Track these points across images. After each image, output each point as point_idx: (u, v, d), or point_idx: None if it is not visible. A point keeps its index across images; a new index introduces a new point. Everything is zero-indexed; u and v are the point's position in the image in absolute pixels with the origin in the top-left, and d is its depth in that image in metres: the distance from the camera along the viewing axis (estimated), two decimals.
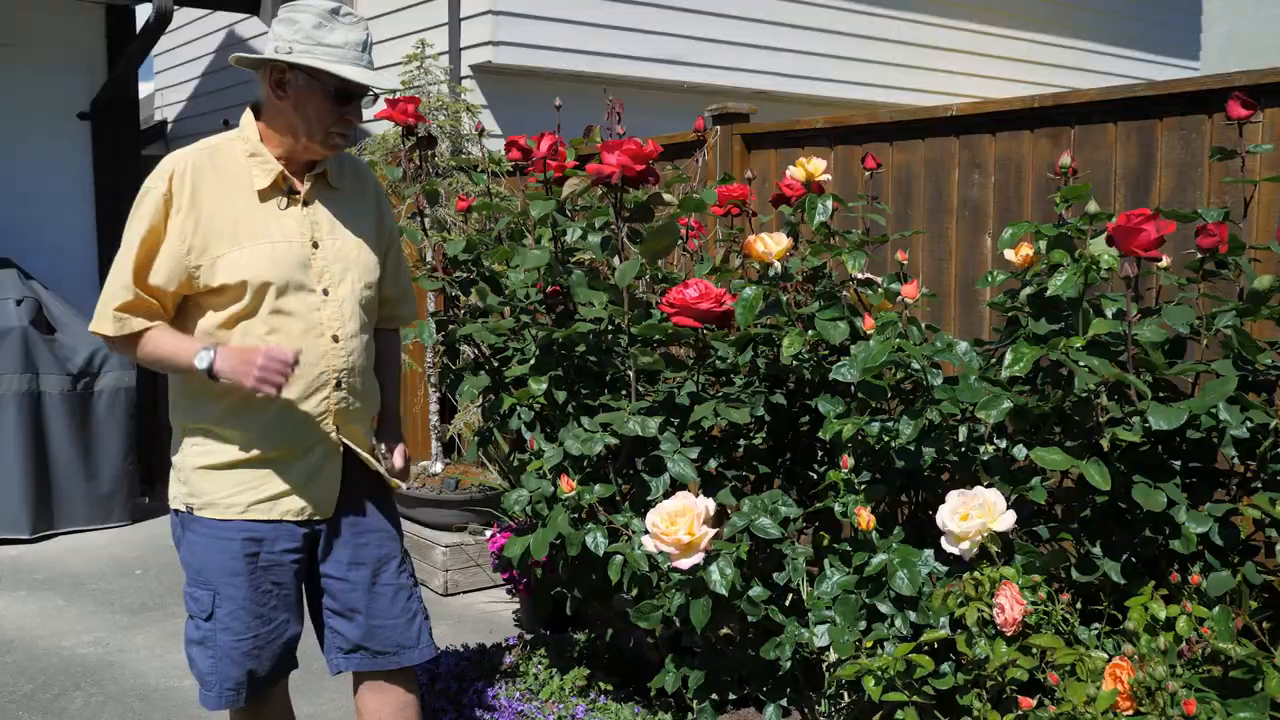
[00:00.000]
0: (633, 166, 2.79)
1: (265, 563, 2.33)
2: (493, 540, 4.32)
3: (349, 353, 2.38)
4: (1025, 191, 3.73)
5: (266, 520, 2.33)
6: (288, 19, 2.26)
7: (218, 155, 2.31)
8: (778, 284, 2.84)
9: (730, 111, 4.72)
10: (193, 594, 2.36)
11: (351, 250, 2.40)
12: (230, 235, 2.26)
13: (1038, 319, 2.45)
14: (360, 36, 2.28)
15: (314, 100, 2.27)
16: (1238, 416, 2.19)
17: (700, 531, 2.30)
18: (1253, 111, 2.47)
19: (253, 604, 2.32)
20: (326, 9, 2.25)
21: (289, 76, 2.26)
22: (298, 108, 2.28)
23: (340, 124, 2.31)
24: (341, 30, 2.25)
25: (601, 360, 3.01)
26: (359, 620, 2.44)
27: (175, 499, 2.38)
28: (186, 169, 2.26)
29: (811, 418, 2.93)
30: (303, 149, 2.32)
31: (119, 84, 6.77)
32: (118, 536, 5.92)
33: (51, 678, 4.02)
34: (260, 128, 2.34)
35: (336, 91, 2.27)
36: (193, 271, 2.25)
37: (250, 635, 2.33)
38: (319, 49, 2.23)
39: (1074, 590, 2.28)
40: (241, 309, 2.26)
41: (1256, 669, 1.88)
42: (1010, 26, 11.26)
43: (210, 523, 2.32)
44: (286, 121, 2.30)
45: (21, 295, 5.89)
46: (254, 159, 2.32)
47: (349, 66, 2.24)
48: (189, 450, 2.35)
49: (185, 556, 2.38)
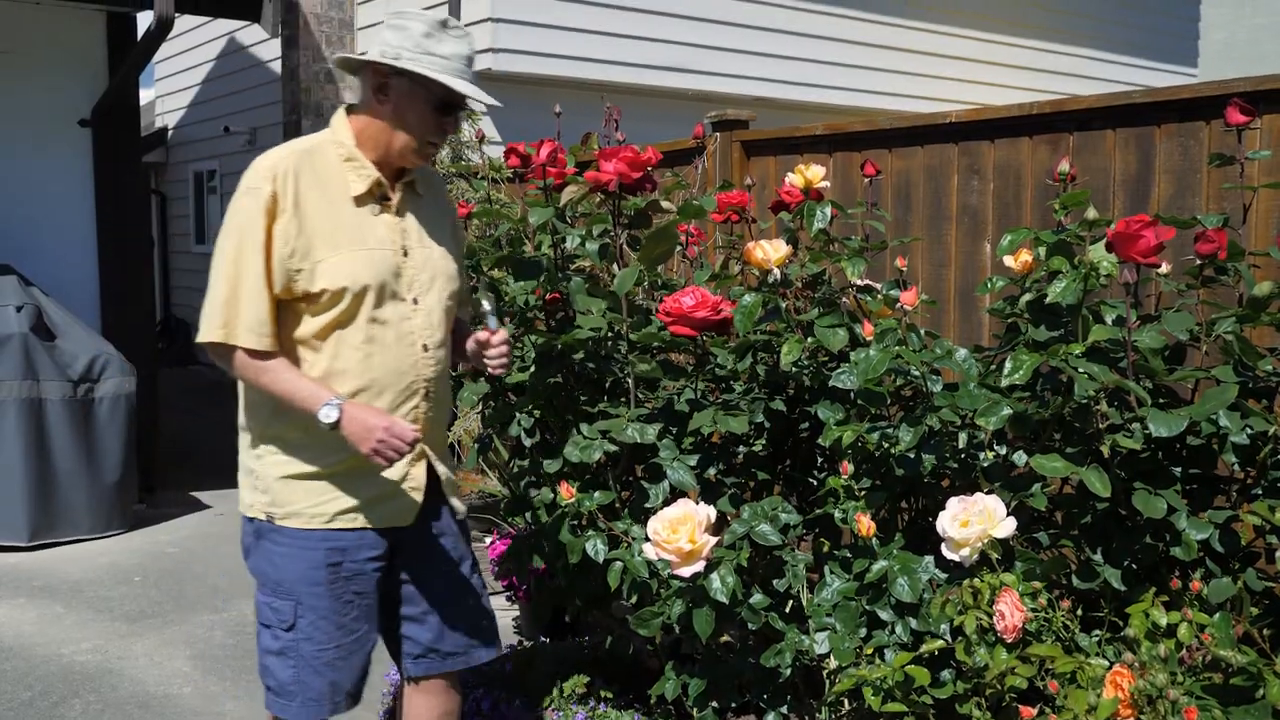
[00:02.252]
0: (630, 174, 2.79)
1: (348, 572, 2.31)
2: (492, 547, 4.31)
3: (436, 361, 2.38)
4: (1024, 198, 3.73)
5: (351, 529, 2.30)
6: (398, 25, 2.25)
7: (314, 157, 2.28)
8: (777, 290, 2.84)
9: (730, 118, 4.72)
10: (271, 604, 2.32)
11: (438, 259, 2.40)
12: (331, 240, 2.24)
13: (1037, 325, 2.45)
14: (467, 50, 2.28)
15: (416, 108, 2.27)
16: (1238, 423, 2.19)
17: (702, 539, 2.29)
18: (1251, 118, 2.47)
19: (335, 614, 2.30)
20: (437, 19, 2.25)
21: (393, 82, 2.26)
22: (398, 114, 2.27)
23: (438, 133, 2.31)
24: (450, 41, 2.25)
25: (601, 367, 3.01)
26: (431, 622, 2.44)
27: (252, 507, 2.34)
28: (289, 170, 2.23)
29: (811, 424, 2.93)
30: (397, 155, 2.31)
31: (120, 91, 6.78)
32: (116, 544, 5.91)
33: (50, 685, 4.01)
34: (355, 131, 2.31)
35: (439, 101, 2.27)
36: (294, 276, 2.22)
37: (333, 645, 2.31)
38: (426, 58, 2.23)
39: (1074, 597, 2.28)
40: (338, 315, 2.24)
41: (1257, 676, 1.87)
42: (1009, 34, 11.28)
43: (293, 532, 2.29)
44: (384, 126, 2.29)
45: (22, 302, 5.89)
46: (350, 164, 2.30)
47: (455, 79, 2.24)
48: (268, 458, 2.31)
49: (262, 566, 2.33)
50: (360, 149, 2.30)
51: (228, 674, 4.13)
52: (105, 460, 6.01)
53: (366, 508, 2.31)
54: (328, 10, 9.73)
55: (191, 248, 13.01)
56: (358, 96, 2.36)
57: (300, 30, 9.61)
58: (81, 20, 6.82)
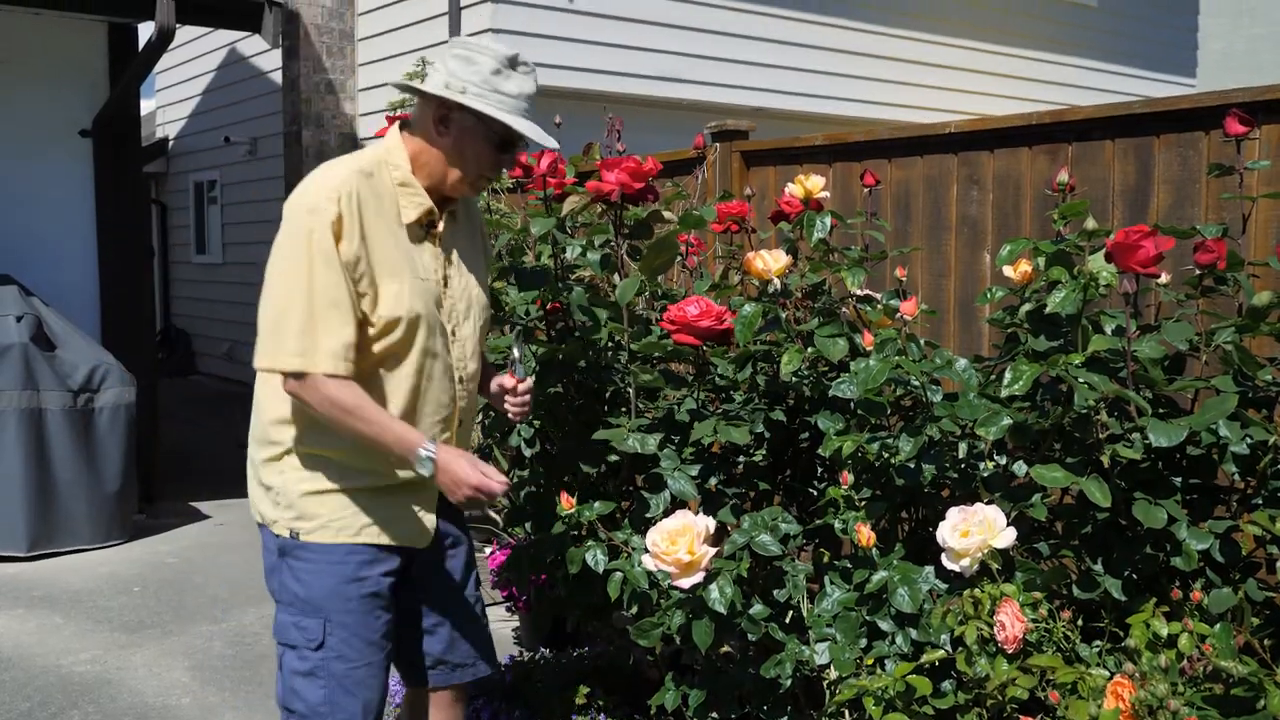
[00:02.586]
0: (632, 184, 2.79)
1: (374, 588, 2.29)
2: (492, 557, 4.31)
3: (469, 393, 2.39)
4: (1024, 208, 3.74)
5: (376, 544, 2.28)
6: (466, 58, 2.21)
7: (373, 180, 2.22)
8: (777, 301, 2.84)
9: (730, 129, 4.73)
10: (298, 624, 2.28)
11: (474, 288, 2.39)
12: (389, 267, 2.19)
13: (1037, 335, 2.45)
14: (532, 88, 2.25)
15: (476, 143, 2.24)
16: (1238, 433, 2.19)
17: (701, 551, 2.29)
18: (1250, 128, 2.48)
19: (365, 629, 2.28)
20: (506, 56, 2.22)
21: (455, 116, 2.22)
22: (457, 147, 2.24)
23: (495, 169, 2.30)
24: (516, 80, 2.22)
25: (601, 377, 3.01)
26: (442, 633, 2.45)
27: (276, 524, 2.28)
28: (353, 192, 2.16)
29: (811, 434, 2.93)
30: (449, 186, 2.29)
31: (120, 101, 6.79)
32: (116, 554, 5.91)
33: (49, 696, 4.01)
34: (410, 154, 2.28)
35: (500, 139, 2.25)
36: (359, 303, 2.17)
37: (364, 663, 2.28)
38: (493, 95, 2.20)
39: (1075, 607, 2.28)
40: (391, 346, 2.20)
41: (1258, 687, 1.87)
42: (1008, 44, 11.31)
43: (320, 547, 2.25)
44: (441, 158, 2.25)
45: (22, 312, 5.89)
46: (404, 189, 2.25)
47: (520, 119, 2.22)
48: (291, 474, 2.26)
49: (288, 585, 2.29)
50: (414, 174, 2.27)
51: (227, 685, 4.13)
52: (105, 470, 6.01)
53: (388, 524, 2.30)
54: (329, 21, 9.76)
55: (192, 258, 13.03)
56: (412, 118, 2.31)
57: (301, 41, 9.63)
58: (82, 30, 6.84)
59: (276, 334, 2.12)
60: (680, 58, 9.12)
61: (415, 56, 7.18)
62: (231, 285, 11.82)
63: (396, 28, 9.32)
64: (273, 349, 2.13)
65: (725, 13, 9.33)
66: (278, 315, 2.12)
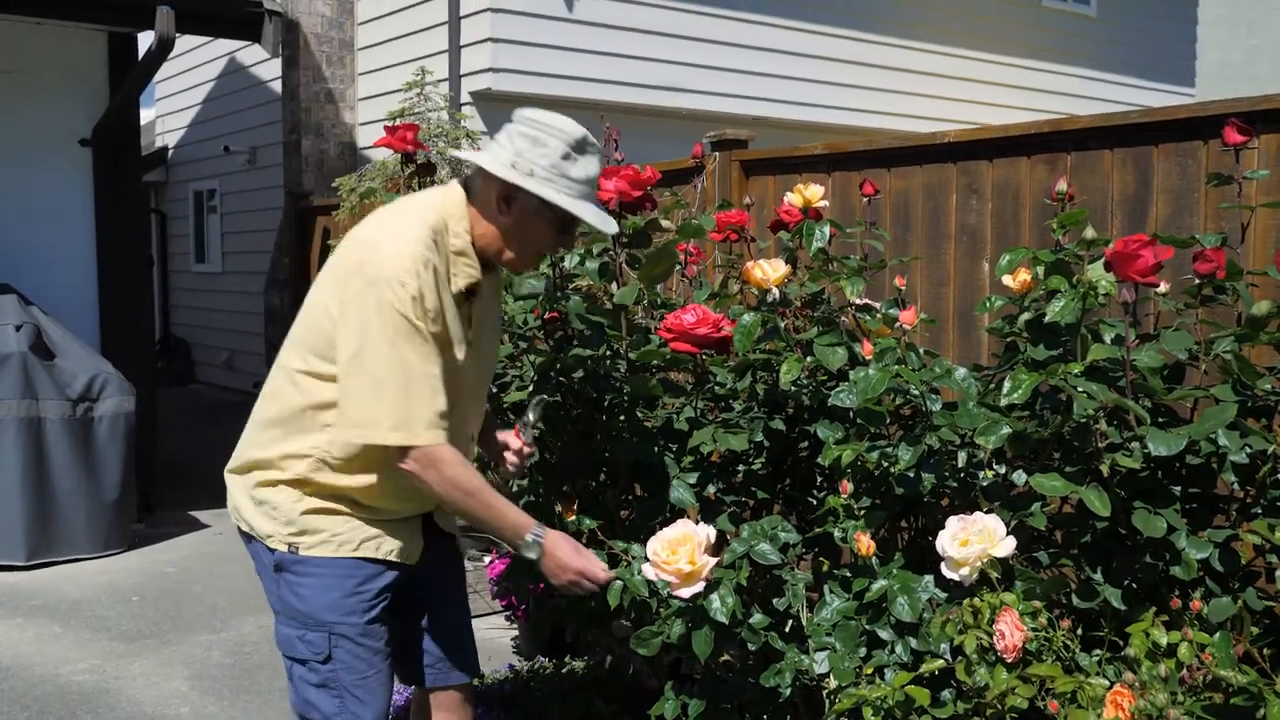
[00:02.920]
0: (630, 192, 2.79)
1: (375, 600, 2.30)
2: (491, 566, 4.30)
3: (474, 449, 2.44)
4: (1023, 217, 3.74)
5: (373, 560, 2.29)
6: (535, 138, 2.18)
7: (438, 245, 2.18)
8: (776, 310, 2.84)
9: (729, 138, 4.74)
10: (304, 638, 2.28)
11: (488, 349, 2.41)
12: (450, 334, 2.20)
13: (1036, 344, 2.45)
14: (597, 170, 2.24)
15: (538, 225, 2.23)
16: (1237, 442, 2.19)
17: (701, 560, 2.29)
18: (1249, 137, 2.48)
19: (369, 638, 2.29)
20: (576, 138, 2.19)
21: (519, 197, 2.19)
22: (518, 226, 2.22)
23: (551, 250, 2.32)
24: (583, 164, 2.20)
25: (600, 386, 3.01)
26: (440, 635, 2.48)
27: (271, 538, 2.28)
28: (429, 263, 2.13)
29: (810, 443, 2.93)
30: (502, 260, 2.28)
31: (120, 110, 6.80)
32: (115, 563, 5.90)
33: (47, 706, 4.00)
34: (469, 222, 2.24)
35: (562, 222, 2.24)
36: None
37: (374, 671, 2.30)
38: (561, 180, 2.17)
39: (1074, 616, 2.27)
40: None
41: (1258, 696, 1.87)
42: (1007, 54, 11.33)
43: (321, 561, 2.25)
44: (499, 233, 2.24)
45: (21, 321, 5.89)
46: (459, 257, 2.22)
47: (585, 204, 2.20)
48: (291, 494, 2.26)
49: (288, 600, 2.29)
50: (471, 243, 2.25)
51: (225, 694, 4.12)
52: (104, 479, 6.00)
53: (386, 541, 2.32)
54: (328, 30, 9.78)
55: (191, 267, 13.04)
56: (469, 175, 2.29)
57: (300, 50, 9.66)
58: (82, 40, 6.85)
59: (372, 408, 2.11)
60: (679, 67, 9.14)
61: (415, 65, 7.19)
62: (230, 294, 11.82)
63: (396, 37, 9.34)
64: (370, 423, 2.12)
65: (724, 22, 9.35)
66: (372, 390, 2.11)
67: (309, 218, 9.15)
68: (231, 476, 2.38)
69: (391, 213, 2.25)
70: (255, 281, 10.77)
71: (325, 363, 2.18)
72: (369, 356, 2.10)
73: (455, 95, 8.31)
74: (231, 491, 2.38)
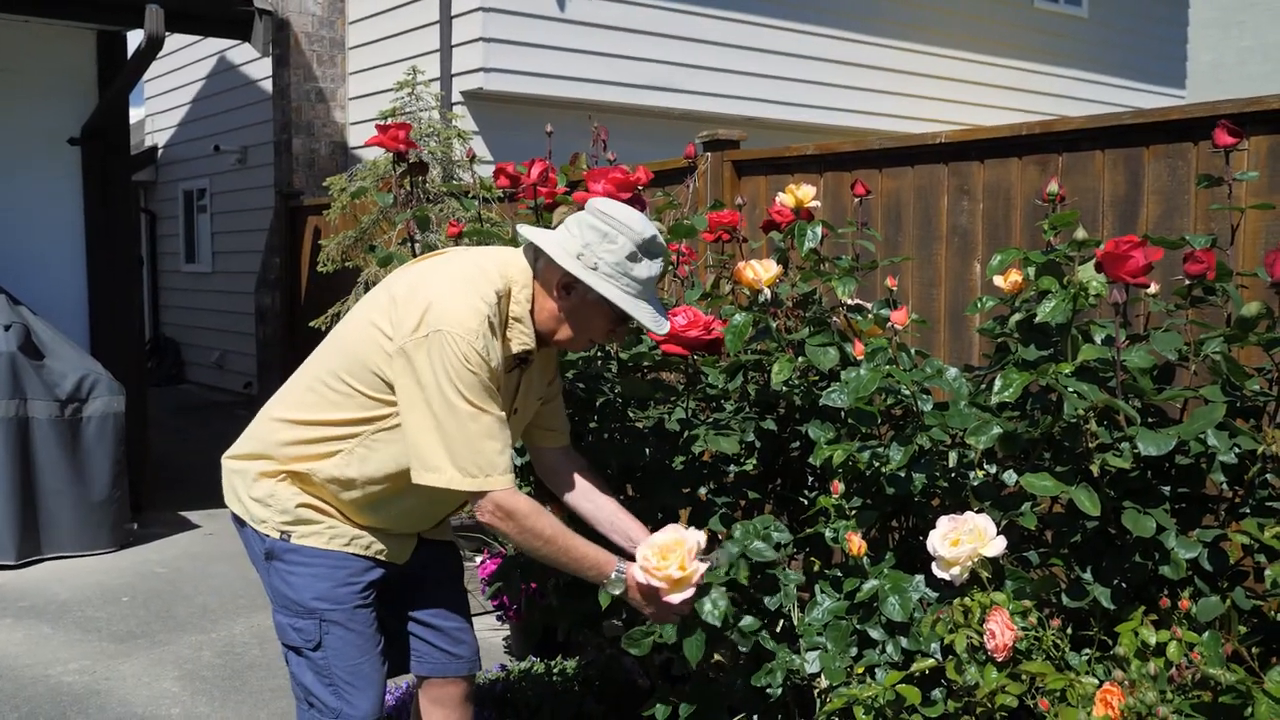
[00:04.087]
0: (618, 194, 2.78)
1: (364, 591, 2.35)
2: (483, 566, 4.30)
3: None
4: (1014, 218, 3.75)
5: (362, 556, 2.35)
6: (607, 234, 2.19)
7: (498, 313, 2.21)
8: (768, 310, 2.84)
9: (721, 138, 4.74)
10: (294, 625, 2.32)
11: (529, 414, 2.43)
12: (501, 394, 2.23)
13: (1027, 345, 2.46)
14: (659, 270, 2.25)
15: (594, 316, 2.25)
16: (1226, 442, 2.20)
17: (692, 566, 2.29)
18: (1239, 139, 2.49)
19: (358, 624, 2.33)
20: (645, 238, 2.20)
21: (581, 287, 2.21)
22: (575, 313, 2.25)
23: (604, 339, 2.34)
24: (648, 265, 2.22)
25: (591, 387, 3.01)
26: (438, 625, 2.51)
27: (264, 524, 2.32)
28: (494, 323, 2.17)
29: (802, 443, 2.93)
30: (555, 339, 2.30)
31: (110, 109, 6.78)
32: (105, 563, 5.88)
33: (37, 706, 3.99)
34: (532, 290, 2.26)
35: (618, 317, 2.26)
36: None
37: (365, 659, 2.34)
38: (623, 279, 2.19)
39: (1064, 615, 2.28)
40: None
41: (1246, 694, 1.88)
42: (999, 55, 11.35)
43: (311, 551, 2.30)
44: (556, 316, 2.26)
45: (9, 321, 5.87)
46: (516, 323, 2.25)
47: (644, 306, 2.22)
48: (290, 489, 2.31)
49: (279, 587, 2.33)
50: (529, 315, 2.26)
51: (216, 694, 4.11)
52: (93, 480, 5.98)
53: (376, 540, 2.37)
54: (319, 29, 9.76)
55: (181, 266, 13.00)
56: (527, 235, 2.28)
57: (291, 49, 9.64)
58: (71, 38, 6.83)
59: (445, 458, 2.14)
60: (671, 67, 9.14)
61: (407, 65, 7.18)
62: (221, 294, 11.79)
63: (387, 36, 9.33)
64: (445, 470, 2.15)
65: (716, 22, 9.36)
66: (444, 440, 2.13)
67: (300, 217, 9.13)
68: (232, 462, 2.40)
69: (463, 265, 2.26)
70: (245, 281, 10.75)
71: (356, 382, 2.23)
72: (443, 412, 2.12)
73: (446, 95, 8.30)
74: (229, 476, 2.40)
